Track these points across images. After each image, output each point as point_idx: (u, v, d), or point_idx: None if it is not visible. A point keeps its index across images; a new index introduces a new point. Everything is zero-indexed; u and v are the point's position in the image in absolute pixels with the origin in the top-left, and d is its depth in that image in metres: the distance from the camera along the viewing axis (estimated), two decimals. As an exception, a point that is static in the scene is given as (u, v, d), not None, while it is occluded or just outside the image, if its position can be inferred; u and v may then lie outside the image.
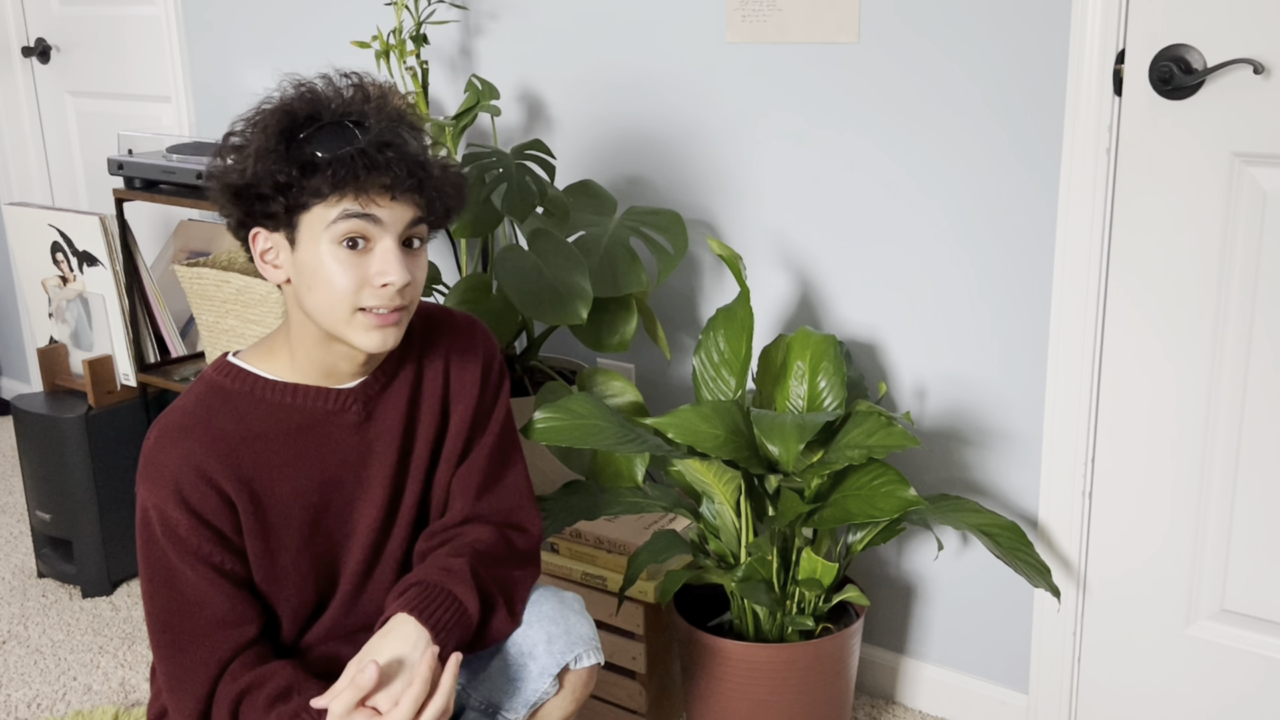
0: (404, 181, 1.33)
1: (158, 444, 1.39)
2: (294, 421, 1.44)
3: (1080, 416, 1.89)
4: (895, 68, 1.95)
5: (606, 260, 2.01)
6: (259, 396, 1.43)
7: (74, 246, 2.61)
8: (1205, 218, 1.74)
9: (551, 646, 1.50)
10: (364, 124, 1.36)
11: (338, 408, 1.45)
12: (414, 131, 1.40)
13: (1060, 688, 2.01)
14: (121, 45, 3.24)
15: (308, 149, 1.33)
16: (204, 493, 1.37)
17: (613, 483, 1.91)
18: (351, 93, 1.41)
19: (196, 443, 1.38)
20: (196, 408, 1.41)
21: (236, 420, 1.41)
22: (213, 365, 1.46)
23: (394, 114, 1.39)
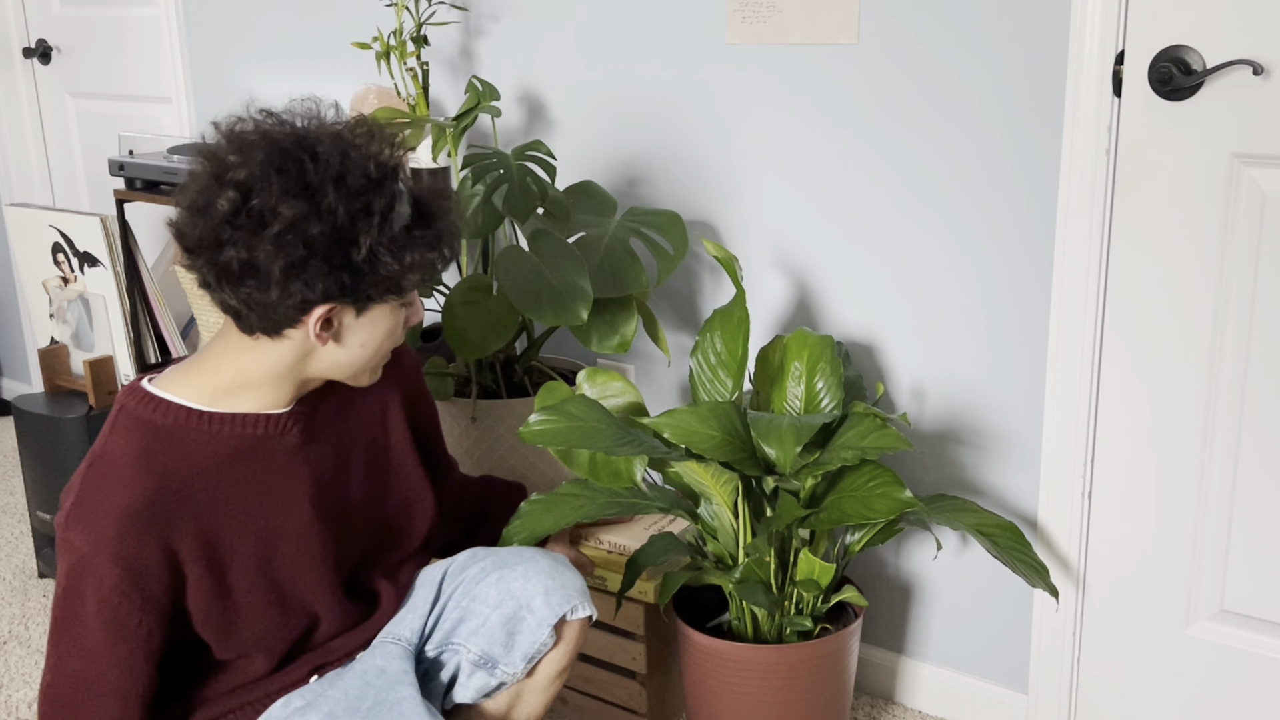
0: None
1: (97, 489, 1.33)
2: (231, 450, 1.41)
3: (1079, 417, 1.89)
4: (895, 69, 1.96)
5: (607, 261, 2.02)
6: (192, 428, 1.39)
7: (75, 247, 2.61)
8: (1204, 218, 1.74)
9: (550, 599, 1.52)
10: (432, 191, 1.39)
11: (277, 431, 1.44)
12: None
13: (1060, 688, 2.01)
14: (122, 46, 3.25)
15: (428, 236, 1.35)
16: (143, 546, 1.33)
17: (612, 483, 1.91)
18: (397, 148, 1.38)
19: (138, 489, 1.33)
20: (130, 447, 1.35)
21: (174, 457, 1.37)
22: (131, 397, 1.40)
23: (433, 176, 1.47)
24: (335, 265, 1.30)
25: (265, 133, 1.32)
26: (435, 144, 2.14)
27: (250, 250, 1.28)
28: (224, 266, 1.30)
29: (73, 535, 1.32)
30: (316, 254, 1.29)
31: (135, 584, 1.33)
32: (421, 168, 1.42)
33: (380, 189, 1.31)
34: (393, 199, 1.32)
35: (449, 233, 1.39)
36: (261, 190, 1.28)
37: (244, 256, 1.28)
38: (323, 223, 1.28)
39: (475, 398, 2.09)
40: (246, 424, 1.41)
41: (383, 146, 1.35)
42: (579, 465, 1.91)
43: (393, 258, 1.32)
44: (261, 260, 1.28)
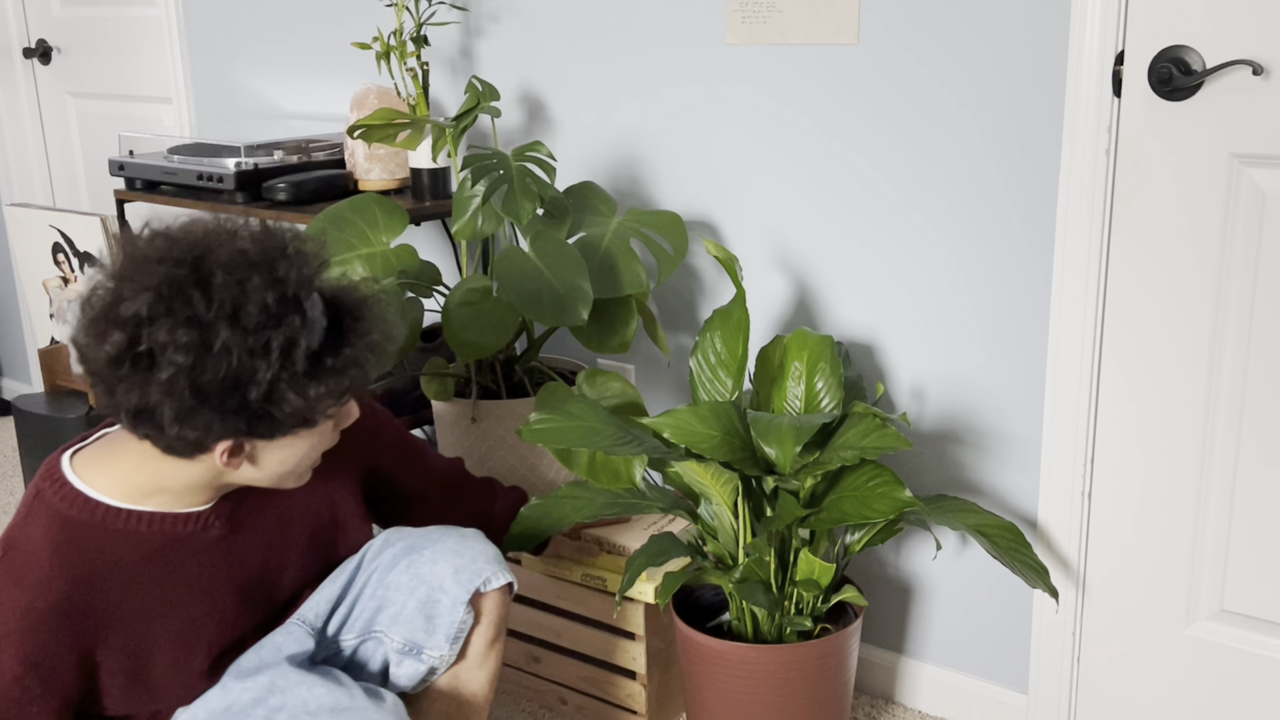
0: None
1: (6, 581, 1.29)
2: (151, 548, 1.37)
3: (1079, 417, 1.89)
4: (895, 69, 1.96)
5: (607, 261, 2.02)
6: (109, 526, 1.35)
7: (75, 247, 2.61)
8: (1204, 219, 1.74)
9: (459, 576, 1.50)
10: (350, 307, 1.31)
11: (199, 528, 1.41)
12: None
13: (1060, 688, 2.01)
14: (122, 46, 3.25)
15: (340, 364, 1.28)
16: (50, 644, 1.29)
17: (611, 484, 1.91)
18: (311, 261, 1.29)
19: (49, 590, 1.29)
20: (45, 543, 1.31)
21: (90, 555, 1.33)
22: (50, 485, 1.35)
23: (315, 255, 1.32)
24: (229, 409, 1.24)
25: (161, 258, 1.24)
26: (435, 144, 2.15)
27: (141, 394, 1.23)
28: (117, 405, 1.25)
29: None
30: (208, 399, 1.23)
31: (38, 678, 1.29)
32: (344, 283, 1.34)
33: (280, 323, 1.23)
34: (294, 333, 1.24)
35: (369, 352, 1.31)
36: (151, 330, 1.21)
37: (135, 400, 1.23)
38: (215, 365, 1.21)
39: (475, 398, 2.09)
40: (165, 522, 1.38)
41: (291, 268, 1.26)
42: (578, 466, 1.92)
43: (296, 394, 1.25)
44: (153, 403, 1.23)
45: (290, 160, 2.38)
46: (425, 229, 2.62)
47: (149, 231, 1.28)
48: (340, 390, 1.29)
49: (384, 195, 2.11)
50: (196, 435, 1.25)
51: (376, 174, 2.34)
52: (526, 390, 2.17)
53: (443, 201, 2.28)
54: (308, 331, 1.25)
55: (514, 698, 2.20)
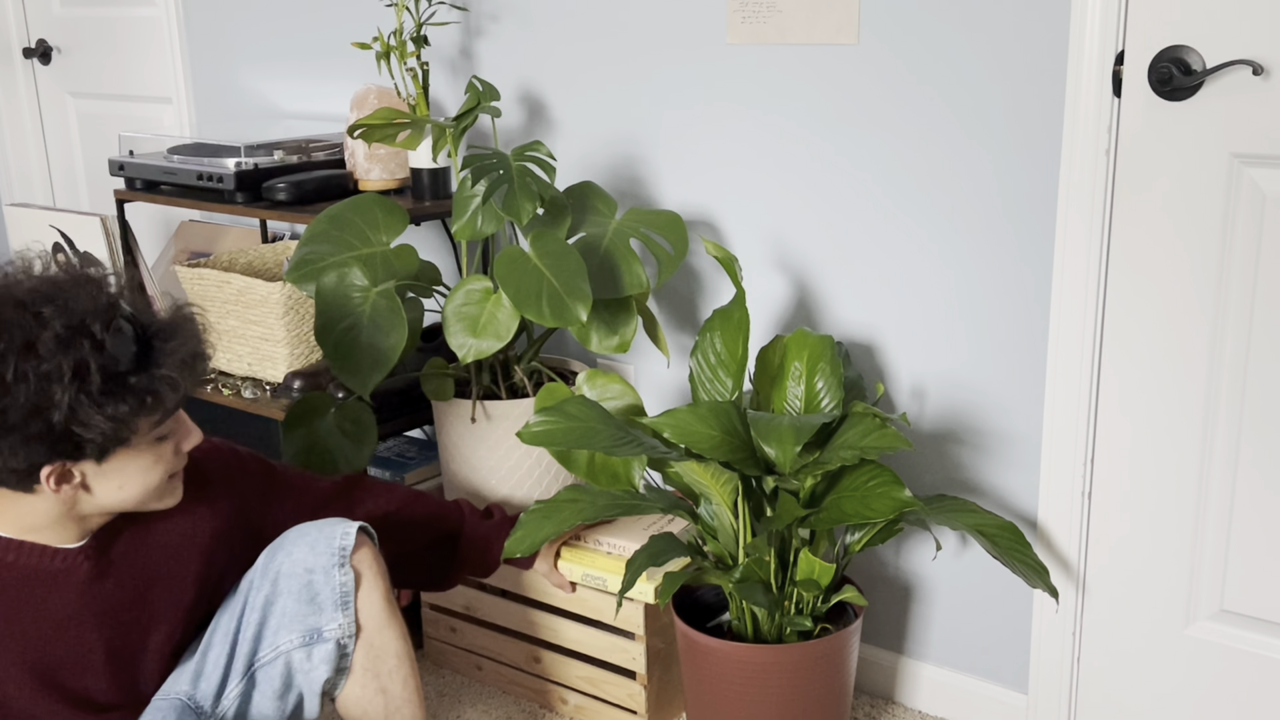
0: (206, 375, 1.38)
1: None
2: (15, 578, 1.38)
3: (1079, 417, 1.89)
4: (895, 69, 1.96)
5: (606, 262, 2.02)
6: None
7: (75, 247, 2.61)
8: (1204, 219, 1.74)
9: (316, 548, 1.50)
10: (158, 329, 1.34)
11: (65, 566, 1.41)
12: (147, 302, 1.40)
13: (1059, 688, 2.01)
14: (122, 46, 3.25)
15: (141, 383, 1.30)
16: None
17: (610, 485, 1.91)
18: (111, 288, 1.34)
19: None
20: None
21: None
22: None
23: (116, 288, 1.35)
24: (33, 434, 1.26)
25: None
26: (435, 144, 2.15)
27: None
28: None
29: None
30: (14, 428, 1.26)
31: None
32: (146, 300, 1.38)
33: (69, 348, 1.26)
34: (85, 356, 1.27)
35: (178, 370, 1.33)
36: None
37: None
38: (14, 394, 1.25)
39: (475, 398, 2.09)
40: (33, 554, 1.39)
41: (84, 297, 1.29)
42: (578, 467, 1.92)
43: (99, 414, 1.27)
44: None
45: (290, 160, 2.38)
46: (425, 229, 2.62)
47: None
48: (149, 408, 1.31)
49: (384, 195, 2.11)
50: (15, 464, 1.28)
51: (376, 174, 2.34)
52: (526, 390, 2.17)
53: (443, 201, 2.28)
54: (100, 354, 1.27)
55: (514, 698, 2.20)
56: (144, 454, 1.37)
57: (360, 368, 1.89)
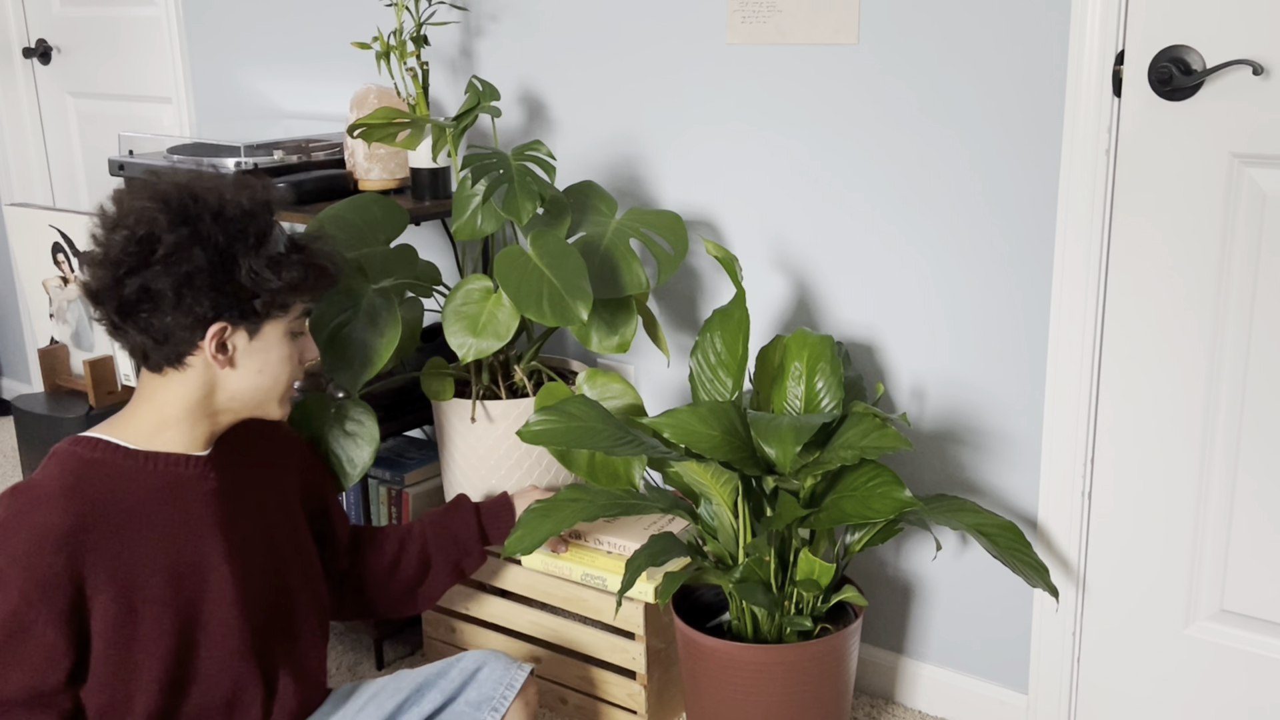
0: (337, 281, 1.61)
1: (18, 512, 1.41)
2: (155, 487, 1.50)
3: (1079, 417, 1.89)
4: (895, 69, 1.96)
5: (607, 261, 2.02)
6: (118, 464, 1.49)
7: (75, 247, 2.61)
8: (1204, 218, 1.74)
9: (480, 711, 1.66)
10: (305, 237, 1.56)
11: (196, 473, 1.54)
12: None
13: (1059, 688, 2.01)
14: (122, 46, 3.24)
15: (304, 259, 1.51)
16: (59, 568, 1.40)
17: (611, 484, 1.91)
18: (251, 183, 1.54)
19: (58, 514, 1.41)
20: (60, 477, 1.45)
21: (99, 490, 1.46)
22: (68, 442, 1.50)
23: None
24: (219, 282, 1.45)
25: (149, 184, 1.49)
26: (435, 144, 2.14)
27: (143, 277, 1.43)
28: (124, 299, 1.44)
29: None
30: (201, 272, 1.44)
31: (44, 597, 1.39)
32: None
33: (253, 218, 1.48)
34: (266, 226, 1.49)
35: (323, 256, 1.55)
36: (149, 224, 1.44)
37: (138, 283, 1.43)
38: (204, 247, 1.44)
39: (475, 398, 2.09)
40: (169, 463, 1.52)
41: (256, 190, 1.52)
42: (578, 466, 1.91)
43: (272, 274, 1.47)
44: (154, 283, 1.43)
45: (290, 160, 2.38)
46: (425, 229, 2.62)
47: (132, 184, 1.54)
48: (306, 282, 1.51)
49: (384, 195, 2.11)
50: (192, 313, 1.44)
51: (376, 174, 2.34)
52: (526, 390, 2.17)
53: (443, 201, 2.28)
54: (275, 228, 1.50)
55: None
56: (284, 343, 1.53)
57: (351, 365, 1.89)
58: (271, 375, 1.54)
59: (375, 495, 2.42)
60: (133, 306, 1.45)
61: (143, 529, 1.48)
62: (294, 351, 1.56)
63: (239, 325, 1.48)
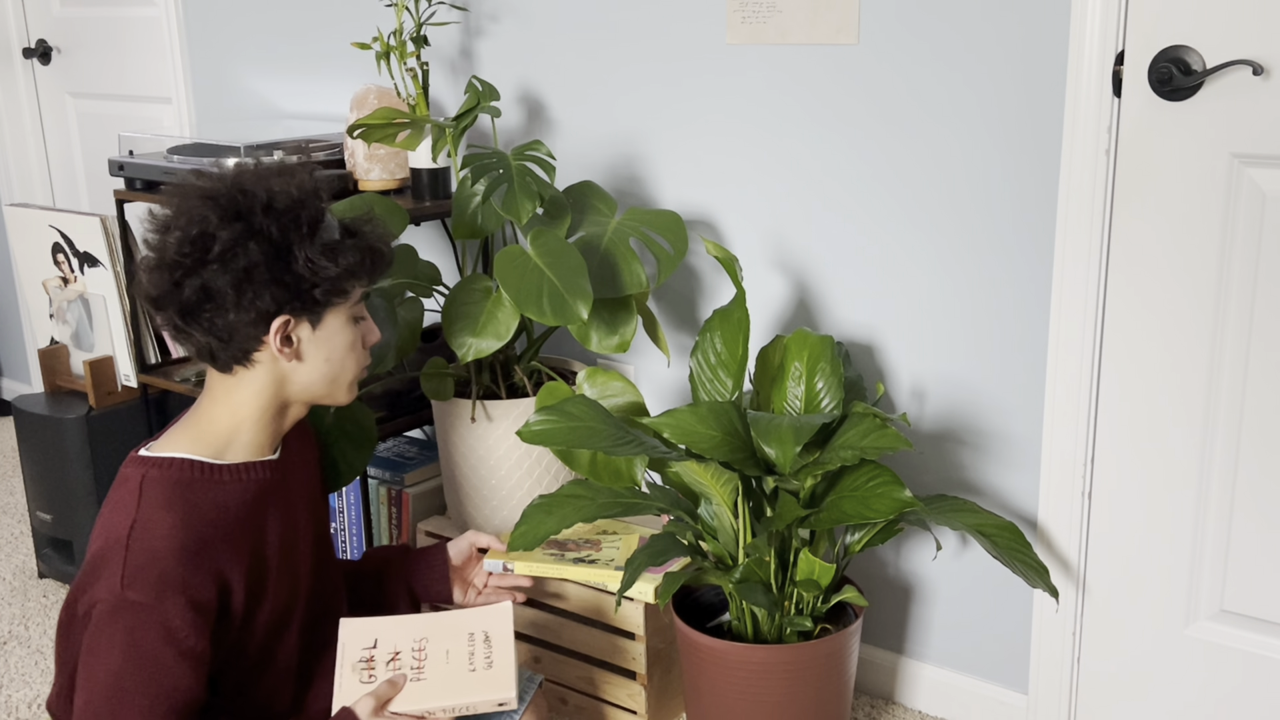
0: (391, 265, 1.58)
1: (148, 545, 1.40)
2: (251, 495, 1.52)
3: (1079, 417, 1.89)
4: (895, 69, 1.96)
5: (606, 261, 2.02)
6: (210, 480, 1.49)
7: (75, 247, 2.61)
8: (1204, 219, 1.74)
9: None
10: (356, 220, 1.54)
11: (278, 477, 1.56)
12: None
13: (1060, 688, 2.01)
14: (122, 46, 3.24)
15: (358, 243, 1.50)
16: (206, 583, 1.42)
17: (613, 483, 1.91)
18: (300, 171, 1.53)
19: (190, 533, 1.42)
20: (168, 502, 1.43)
21: (210, 506, 1.47)
22: (143, 467, 1.47)
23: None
24: (277, 274, 1.43)
25: (195, 185, 1.47)
26: (435, 144, 2.14)
27: (201, 277, 1.42)
28: (185, 302, 1.43)
29: (132, 594, 1.37)
30: (258, 266, 1.42)
31: (203, 616, 1.41)
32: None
33: (304, 206, 1.46)
34: (318, 214, 1.47)
35: (376, 238, 1.53)
36: (200, 223, 1.43)
37: (197, 284, 1.42)
38: (259, 240, 1.43)
39: (475, 398, 2.09)
40: (255, 471, 1.53)
41: (303, 178, 1.50)
42: (579, 465, 1.91)
43: (329, 261, 1.46)
44: (212, 282, 1.42)
45: (290, 160, 2.38)
46: (425, 229, 2.62)
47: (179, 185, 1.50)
48: (363, 266, 1.50)
49: (384, 195, 2.11)
50: (254, 308, 1.43)
51: (376, 174, 2.34)
52: (526, 390, 2.17)
53: (443, 201, 2.28)
54: (327, 214, 1.49)
55: (514, 698, 2.20)
56: (344, 330, 1.52)
57: None
58: (339, 363, 1.53)
59: (375, 495, 2.42)
60: (195, 308, 1.44)
61: (252, 531, 1.51)
62: (357, 337, 1.55)
63: (302, 316, 1.48)
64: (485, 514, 2.16)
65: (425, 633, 1.56)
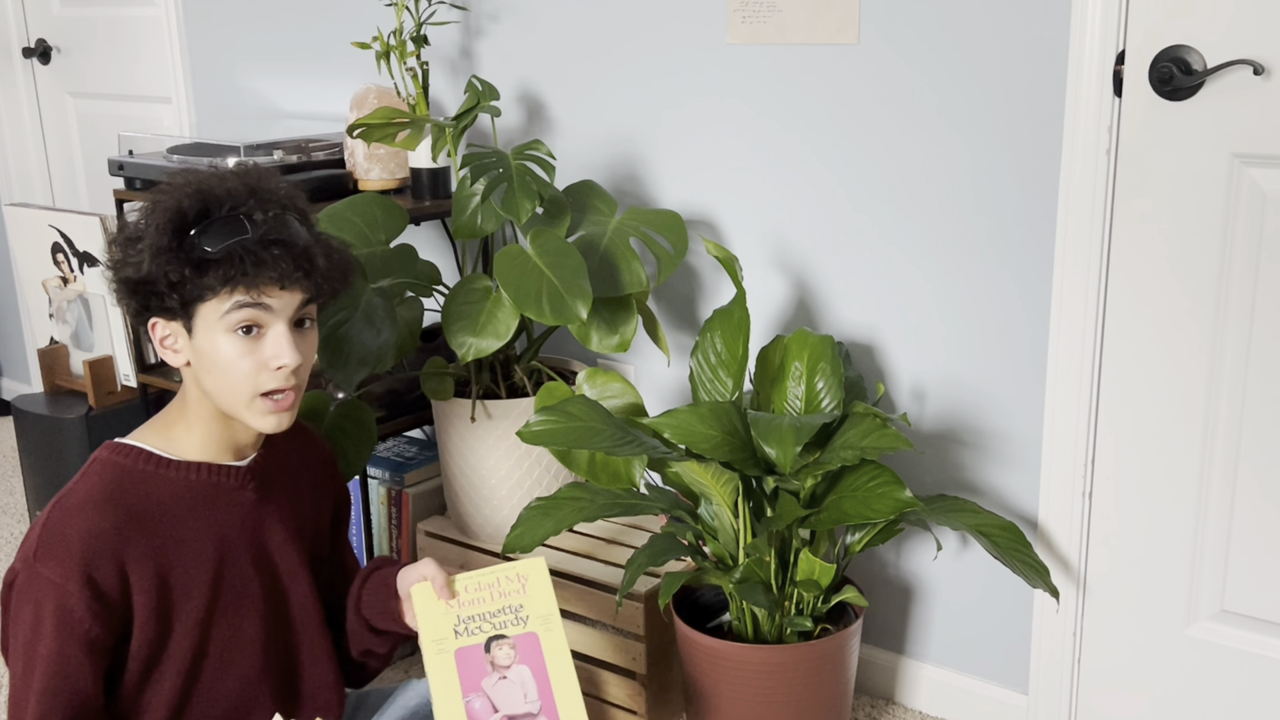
0: (292, 274, 1.41)
1: (63, 519, 1.39)
2: (196, 497, 1.48)
3: (1080, 417, 1.89)
4: (895, 69, 1.96)
5: (606, 261, 2.02)
6: (160, 474, 1.46)
7: (74, 247, 2.61)
8: (1205, 218, 1.74)
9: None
10: (252, 216, 1.42)
11: (236, 484, 1.51)
12: (301, 217, 1.48)
13: (1060, 688, 2.01)
14: (122, 46, 3.24)
15: (199, 246, 1.39)
16: (109, 570, 1.38)
17: (612, 484, 1.91)
18: (236, 183, 1.45)
19: (105, 519, 1.40)
20: (101, 486, 1.43)
21: (141, 497, 1.44)
22: (104, 448, 1.48)
23: (280, 203, 1.46)
24: (137, 275, 1.41)
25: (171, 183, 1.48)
26: (435, 144, 2.14)
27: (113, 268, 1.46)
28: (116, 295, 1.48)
29: (42, 567, 1.37)
30: (132, 264, 1.41)
31: (102, 603, 1.38)
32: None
33: (166, 215, 1.41)
34: (161, 216, 1.41)
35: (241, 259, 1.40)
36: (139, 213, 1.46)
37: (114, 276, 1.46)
38: (147, 237, 1.41)
39: (475, 398, 2.09)
40: (210, 472, 1.49)
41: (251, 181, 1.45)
42: (579, 466, 1.91)
43: (180, 266, 1.39)
44: (114, 274, 1.45)
45: (290, 160, 2.38)
46: (425, 229, 2.62)
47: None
48: (217, 274, 1.39)
49: (384, 195, 2.10)
50: (132, 313, 1.45)
51: (376, 174, 2.34)
52: (526, 390, 2.17)
53: (443, 201, 2.28)
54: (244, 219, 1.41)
55: (514, 698, 2.20)
56: (228, 340, 1.41)
57: (348, 364, 1.89)
58: (222, 376, 1.42)
59: (375, 495, 2.42)
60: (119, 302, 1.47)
61: (182, 536, 1.46)
62: (245, 351, 1.41)
63: (171, 321, 1.43)
64: (485, 514, 2.16)
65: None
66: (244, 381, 1.42)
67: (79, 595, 1.36)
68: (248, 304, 1.40)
